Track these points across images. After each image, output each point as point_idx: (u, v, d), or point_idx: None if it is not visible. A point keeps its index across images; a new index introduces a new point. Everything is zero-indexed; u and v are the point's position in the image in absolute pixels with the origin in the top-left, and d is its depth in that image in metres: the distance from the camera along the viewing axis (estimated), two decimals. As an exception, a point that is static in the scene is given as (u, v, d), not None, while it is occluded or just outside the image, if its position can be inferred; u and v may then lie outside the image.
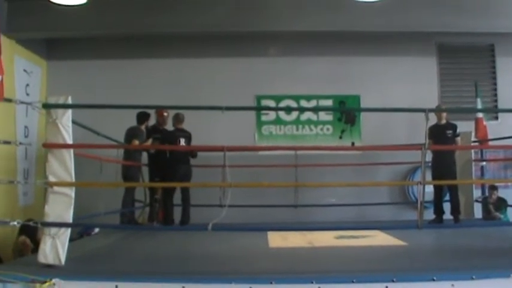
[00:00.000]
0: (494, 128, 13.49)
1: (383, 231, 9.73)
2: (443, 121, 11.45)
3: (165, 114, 12.08)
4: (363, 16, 12.29)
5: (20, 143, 9.64)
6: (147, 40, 14.17)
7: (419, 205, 6.98)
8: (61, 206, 6.42)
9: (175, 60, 14.50)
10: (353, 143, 14.61)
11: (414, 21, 12.58)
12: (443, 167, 11.12)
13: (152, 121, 12.12)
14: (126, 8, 12.50)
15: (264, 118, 14.67)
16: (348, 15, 12.35)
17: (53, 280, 5.57)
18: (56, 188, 6.43)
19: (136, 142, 11.27)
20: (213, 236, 7.85)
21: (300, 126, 14.71)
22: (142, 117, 11.75)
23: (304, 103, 14.62)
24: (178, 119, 11.73)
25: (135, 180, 11.63)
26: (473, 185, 12.98)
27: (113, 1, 12.44)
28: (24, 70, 13.27)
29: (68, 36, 13.63)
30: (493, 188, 12.83)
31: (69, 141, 6.54)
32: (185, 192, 11.66)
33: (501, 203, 12.75)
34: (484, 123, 13.33)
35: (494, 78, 14.98)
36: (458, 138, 11.56)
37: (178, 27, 12.69)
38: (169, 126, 12.07)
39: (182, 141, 11.56)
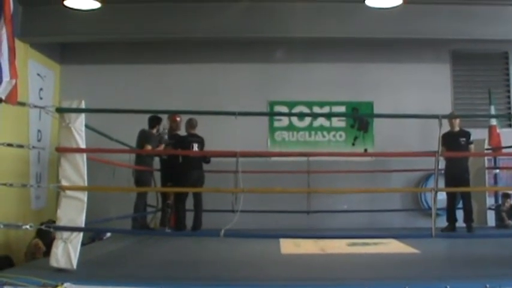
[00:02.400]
0: (508, 136, 13.45)
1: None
2: (457, 128, 11.42)
3: (178, 119, 12.07)
4: (377, 23, 12.27)
5: (33, 147, 9.67)
6: (160, 45, 14.18)
7: (433, 213, 6.93)
8: (73, 210, 6.42)
9: (189, 65, 14.51)
10: (366, 150, 14.58)
11: (428, 28, 12.54)
12: (456, 174, 11.09)
13: (164, 127, 12.11)
14: (140, 13, 12.53)
15: (276, 124, 14.66)
16: (362, 21, 12.33)
17: (65, 284, 5.56)
18: (68, 192, 6.44)
19: (149, 147, 11.28)
20: (225, 241, 7.83)
21: (313, 133, 14.69)
22: (154, 121, 11.75)
23: (317, 109, 14.60)
24: (191, 124, 11.72)
25: (147, 185, 11.62)
26: (487, 193, 12.92)
27: (126, 6, 12.47)
28: (38, 74, 13.32)
29: (82, 41, 13.68)
30: (507, 195, 12.76)
31: (82, 145, 6.55)
32: (197, 197, 11.65)
33: (514, 211, 12.69)
34: (498, 130, 13.28)
35: (508, 85, 14.91)
36: (472, 146, 11.53)
37: (192, 33, 12.71)
38: (182, 132, 12.07)
39: (195, 147, 11.55)
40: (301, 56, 14.47)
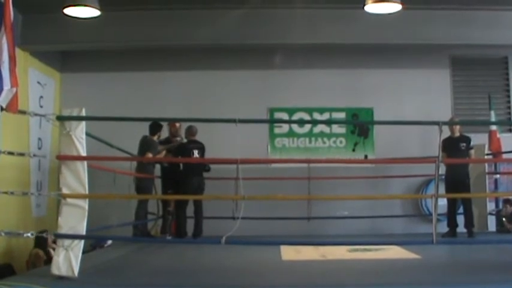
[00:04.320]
0: (508, 141, 13.44)
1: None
2: (457, 134, 11.42)
3: (177, 125, 12.05)
4: (376, 28, 12.27)
5: (34, 155, 9.67)
6: (160, 53, 14.19)
7: (434, 220, 6.92)
8: (74, 218, 6.42)
9: (189, 72, 14.52)
10: (366, 156, 14.58)
11: (427, 33, 12.55)
12: (456, 179, 11.09)
13: (165, 133, 12.09)
14: (140, 21, 12.54)
15: (277, 131, 14.66)
16: (361, 27, 12.34)
17: (66, 292, 5.59)
18: (69, 200, 6.44)
19: (150, 154, 11.27)
20: (225, 248, 7.83)
21: (313, 139, 14.69)
22: (155, 128, 11.73)
23: (317, 116, 14.61)
24: (191, 131, 11.71)
25: (148, 192, 11.61)
26: (487, 198, 12.92)
27: (126, 14, 12.48)
28: (38, 82, 13.33)
29: (82, 49, 13.70)
30: (507, 201, 12.76)
31: (83, 153, 6.55)
32: (198, 204, 11.64)
33: (515, 216, 12.69)
34: (498, 135, 13.27)
35: (508, 90, 14.91)
36: (472, 151, 11.52)
37: (191, 40, 12.72)
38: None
39: (196, 153, 11.54)
40: (300, 63, 14.45)
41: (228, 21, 12.37)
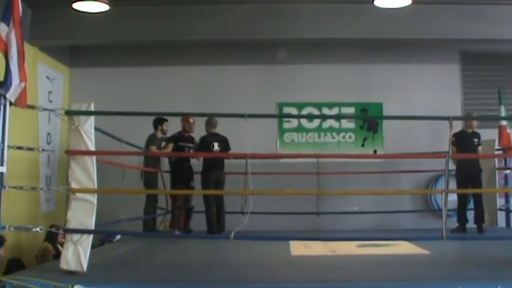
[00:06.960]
0: (518, 136, 13.36)
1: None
2: (471, 129, 11.38)
3: (191, 120, 11.95)
4: (386, 23, 12.23)
5: (43, 150, 9.68)
6: (169, 47, 14.17)
7: (444, 215, 6.88)
8: (83, 213, 6.42)
9: (198, 67, 14.51)
10: (375, 151, 14.52)
11: (437, 28, 12.50)
12: (469, 174, 11.05)
13: (178, 128, 12.00)
14: (149, 16, 12.55)
15: (286, 125, 14.63)
16: (370, 22, 12.30)
17: (75, 287, 5.57)
18: (78, 195, 6.44)
19: (154, 148, 11.31)
20: (234, 243, 7.82)
21: (322, 134, 14.65)
22: (156, 123, 11.79)
23: (326, 111, 14.55)
24: (210, 123, 11.61)
25: (154, 187, 11.62)
26: (497, 194, 12.87)
27: (135, 8, 12.49)
28: (47, 77, 13.34)
29: (91, 44, 13.72)
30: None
31: (92, 148, 6.55)
32: (218, 199, 11.57)
33: (525, 212, 12.63)
34: (508, 131, 13.16)
35: (518, 85, 14.85)
36: (480, 147, 11.48)
37: (200, 35, 12.70)
38: (197, 133, 11.98)
39: (215, 146, 11.48)
40: (309, 57, 14.43)
41: (236, 16, 12.35)
